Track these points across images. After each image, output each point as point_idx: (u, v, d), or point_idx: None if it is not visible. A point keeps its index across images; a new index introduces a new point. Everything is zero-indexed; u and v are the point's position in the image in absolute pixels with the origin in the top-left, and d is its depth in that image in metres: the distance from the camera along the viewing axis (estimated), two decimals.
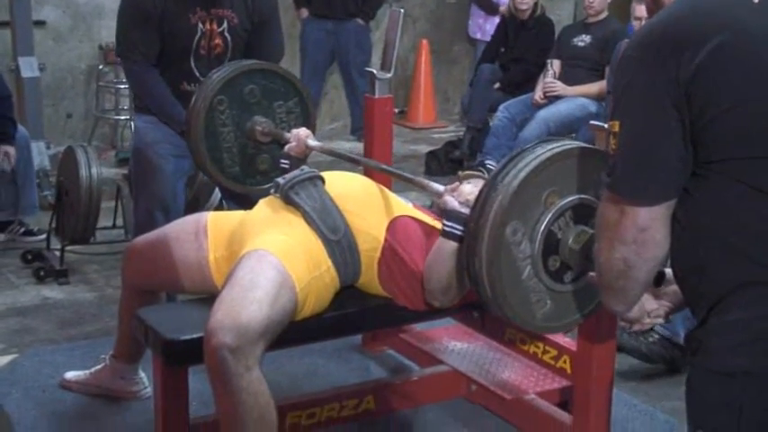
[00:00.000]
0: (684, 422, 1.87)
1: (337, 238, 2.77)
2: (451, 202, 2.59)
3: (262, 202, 2.95)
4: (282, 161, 3.24)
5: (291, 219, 2.80)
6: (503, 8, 7.89)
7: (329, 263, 2.75)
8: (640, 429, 3.38)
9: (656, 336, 3.74)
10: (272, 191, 2.91)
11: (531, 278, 2.31)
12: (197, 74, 3.77)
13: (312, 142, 3.26)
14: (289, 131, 3.38)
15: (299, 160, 3.22)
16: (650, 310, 2.05)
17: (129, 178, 4.05)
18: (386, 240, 2.80)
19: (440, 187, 2.71)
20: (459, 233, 2.55)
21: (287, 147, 3.27)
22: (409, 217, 2.87)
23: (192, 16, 3.73)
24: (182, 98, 3.74)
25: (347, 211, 2.81)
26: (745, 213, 1.71)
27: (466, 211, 2.50)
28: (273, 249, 2.65)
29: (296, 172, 2.91)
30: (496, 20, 7.97)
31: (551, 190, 2.26)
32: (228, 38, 3.80)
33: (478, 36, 8.31)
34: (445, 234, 2.61)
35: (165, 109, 3.79)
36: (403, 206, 2.92)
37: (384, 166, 3.04)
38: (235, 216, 3.01)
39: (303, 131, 3.29)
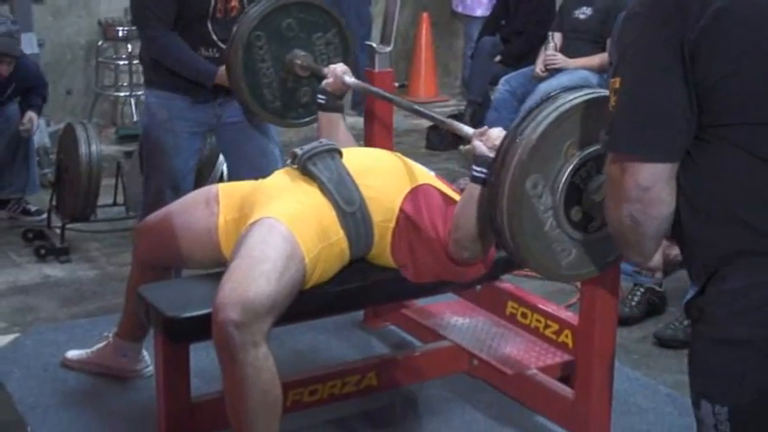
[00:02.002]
0: (687, 395, 1.87)
1: (352, 210, 2.77)
2: (480, 147, 2.57)
3: (279, 172, 2.96)
4: (319, 96, 3.28)
5: (307, 188, 2.80)
6: None
7: (341, 233, 2.75)
8: (642, 403, 3.38)
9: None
10: (288, 161, 2.91)
11: (553, 229, 2.34)
12: (214, 37, 3.71)
13: (349, 79, 3.27)
14: (328, 65, 3.39)
15: (335, 97, 3.27)
16: (672, 255, 2.04)
17: (141, 155, 4.00)
18: (401, 210, 2.80)
19: (469, 130, 2.70)
20: (484, 176, 2.54)
21: (324, 83, 3.28)
22: (430, 185, 2.87)
23: None
24: None
25: (363, 185, 2.82)
26: (745, 180, 1.71)
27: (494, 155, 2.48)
28: (284, 218, 2.64)
29: (314, 143, 2.91)
30: None
31: (572, 141, 2.27)
32: None
33: (459, 9, 8.24)
34: (474, 179, 2.59)
35: (193, 65, 3.71)
36: (425, 175, 2.93)
37: (416, 107, 3.09)
38: (246, 184, 3.02)
39: (340, 68, 3.29)
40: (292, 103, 3.64)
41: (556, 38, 6.27)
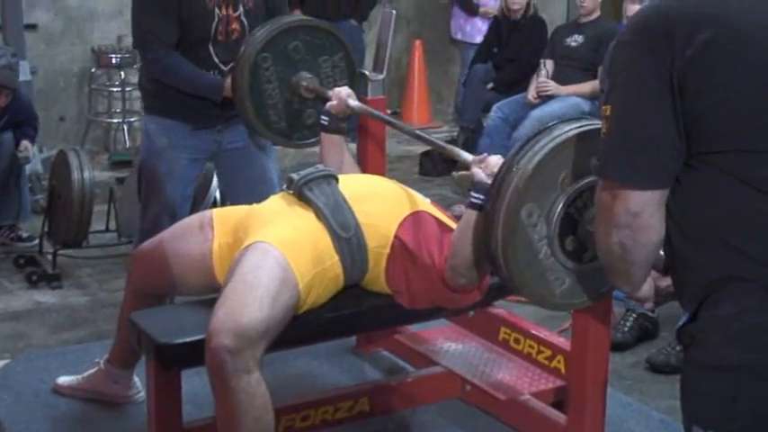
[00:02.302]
0: (679, 421, 1.87)
1: (348, 236, 2.77)
2: (479, 174, 2.58)
3: (274, 197, 2.96)
4: (323, 118, 3.31)
5: (303, 213, 2.80)
6: (482, 9, 7.90)
7: (336, 258, 2.75)
8: (635, 428, 3.37)
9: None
10: (284, 186, 2.91)
11: (548, 258, 2.36)
12: (216, 60, 3.71)
13: (353, 102, 3.31)
14: (333, 88, 3.44)
15: (339, 119, 3.29)
16: (663, 287, 2.05)
17: (139, 181, 4.02)
18: (396, 237, 2.80)
19: (468, 156, 2.73)
20: (481, 203, 2.54)
21: (328, 105, 3.32)
22: (426, 212, 2.88)
23: (209, 1, 3.67)
24: None
25: (359, 211, 2.82)
26: (735, 207, 1.72)
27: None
28: (278, 243, 2.65)
29: (310, 169, 2.92)
30: (477, 21, 7.99)
31: (568, 171, 2.29)
32: (245, 22, 3.74)
33: (459, 37, 8.29)
34: (472, 205, 2.59)
35: (199, 81, 3.70)
36: (421, 202, 2.94)
37: (417, 132, 3.14)
38: (241, 208, 3.03)
39: (345, 91, 3.33)
40: (297, 124, 3.68)
41: (548, 65, 6.31)
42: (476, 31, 7.97)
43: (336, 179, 2.91)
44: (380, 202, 2.89)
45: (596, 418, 2.92)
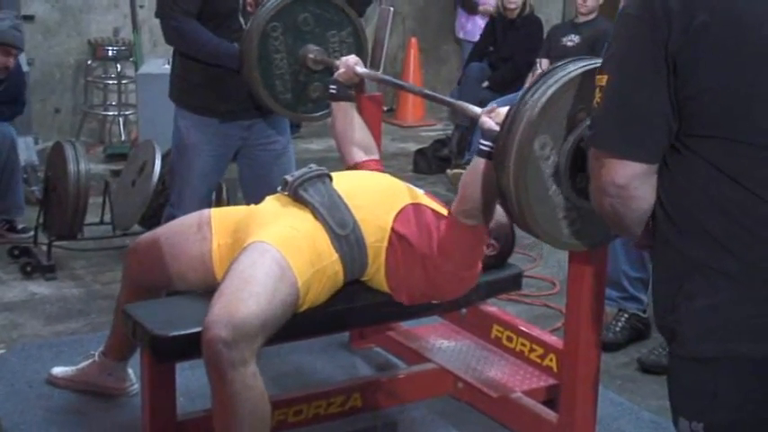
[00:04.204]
0: (670, 420, 1.89)
1: (345, 233, 2.79)
2: (488, 122, 2.60)
3: (270, 198, 2.97)
4: (331, 87, 3.36)
5: (300, 214, 2.82)
6: (482, 7, 7.93)
7: (335, 256, 2.77)
8: (626, 427, 3.39)
9: None
10: (279, 188, 2.93)
11: (558, 194, 2.37)
12: None
13: (360, 69, 3.35)
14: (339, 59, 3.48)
15: (346, 87, 3.35)
16: None
17: (170, 170, 4.06)
18: (393, 230, 2.83)
19: (477, 109, 2.76)
20: (490, 150, 2.56)
21: (336, 73, 3.37)
22: (420, 204, 2.91)
23: None
24: None
25: (355, 206, 2.84)
26: (712, 193, 1.75)
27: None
28: (277, 243, 2.66)
29: (304, 170, 2.93)
30: (478, 19, 8.03)
31: (581, 107, 2.30)
32: None
33: (461, 35, 8.34)
34: (480, 152, 2.62)
35: (218, 49, 3.72)
36: (415, 194, 2.97)
37: (426, 92, 3.21)
38: (240, 209, 3.05)
39: (352, 59, 3.38)
40: (303, 96, 3.72)
41: (543, 64, 6.32)
42: (477, 29, 8.01)
43: (330, 177, 2.92)
44: (375, 197, 2.91)
45: (588, 416, 2.94)
